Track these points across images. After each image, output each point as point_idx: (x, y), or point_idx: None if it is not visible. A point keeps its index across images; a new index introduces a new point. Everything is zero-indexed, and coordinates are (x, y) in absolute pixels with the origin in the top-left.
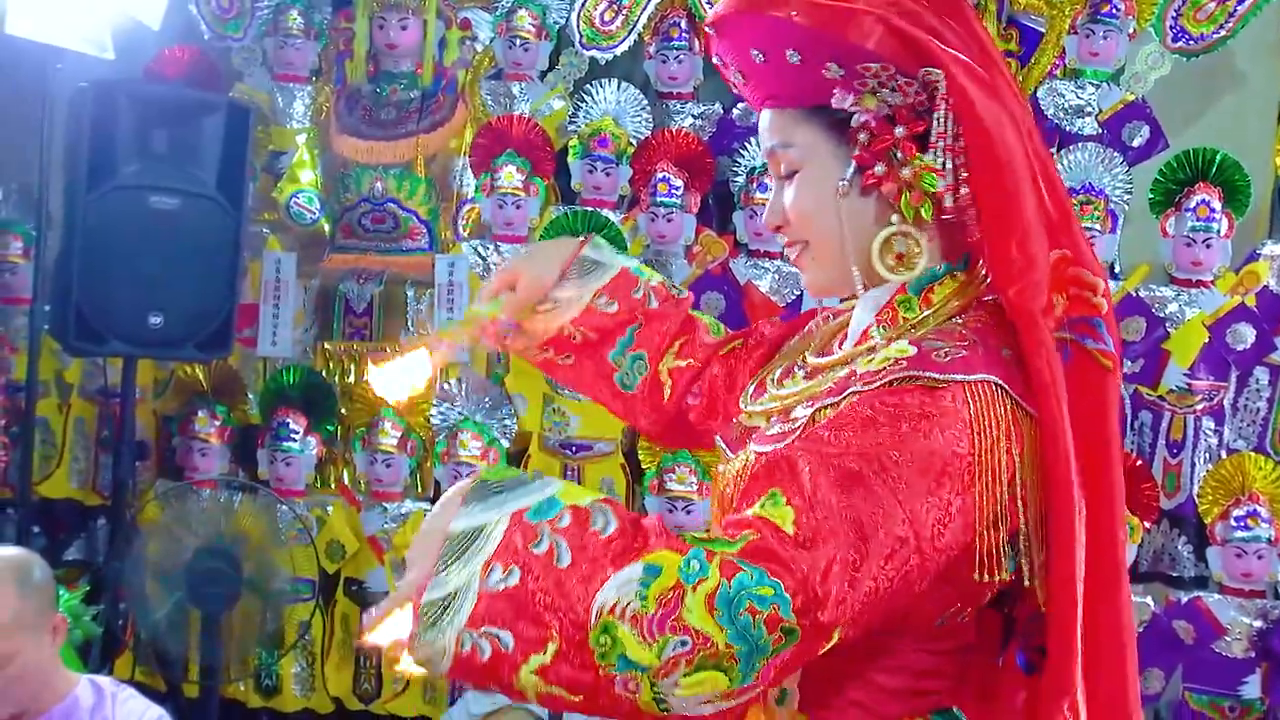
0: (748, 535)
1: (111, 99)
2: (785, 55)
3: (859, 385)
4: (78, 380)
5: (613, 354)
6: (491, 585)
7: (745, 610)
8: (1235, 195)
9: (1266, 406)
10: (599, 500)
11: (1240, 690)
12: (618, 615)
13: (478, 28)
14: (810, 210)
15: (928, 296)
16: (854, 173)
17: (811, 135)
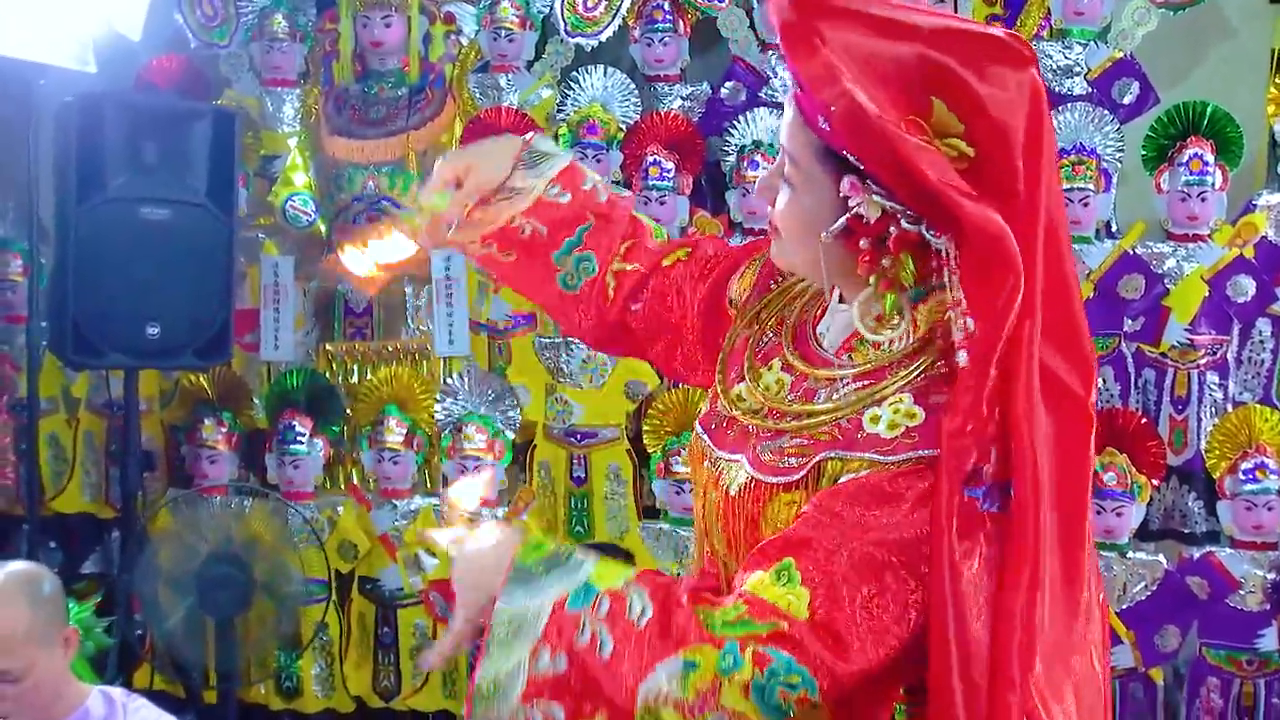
0: (775, 623)
1: (97, 112)
2: (818, 116)
3: (873, 454)
4: (84, 394)
5: (557, 254)
6: (540, 670)
7: (778, 696)
8: (1228, 148)
9: (1270, 358)
10: (632, 580)
11: (1257, 643)
12: (660, 701)
13: (462, 21)
14: (793, 232)
15: (913, 314)
16: (841, 229)
17: (816, 170)
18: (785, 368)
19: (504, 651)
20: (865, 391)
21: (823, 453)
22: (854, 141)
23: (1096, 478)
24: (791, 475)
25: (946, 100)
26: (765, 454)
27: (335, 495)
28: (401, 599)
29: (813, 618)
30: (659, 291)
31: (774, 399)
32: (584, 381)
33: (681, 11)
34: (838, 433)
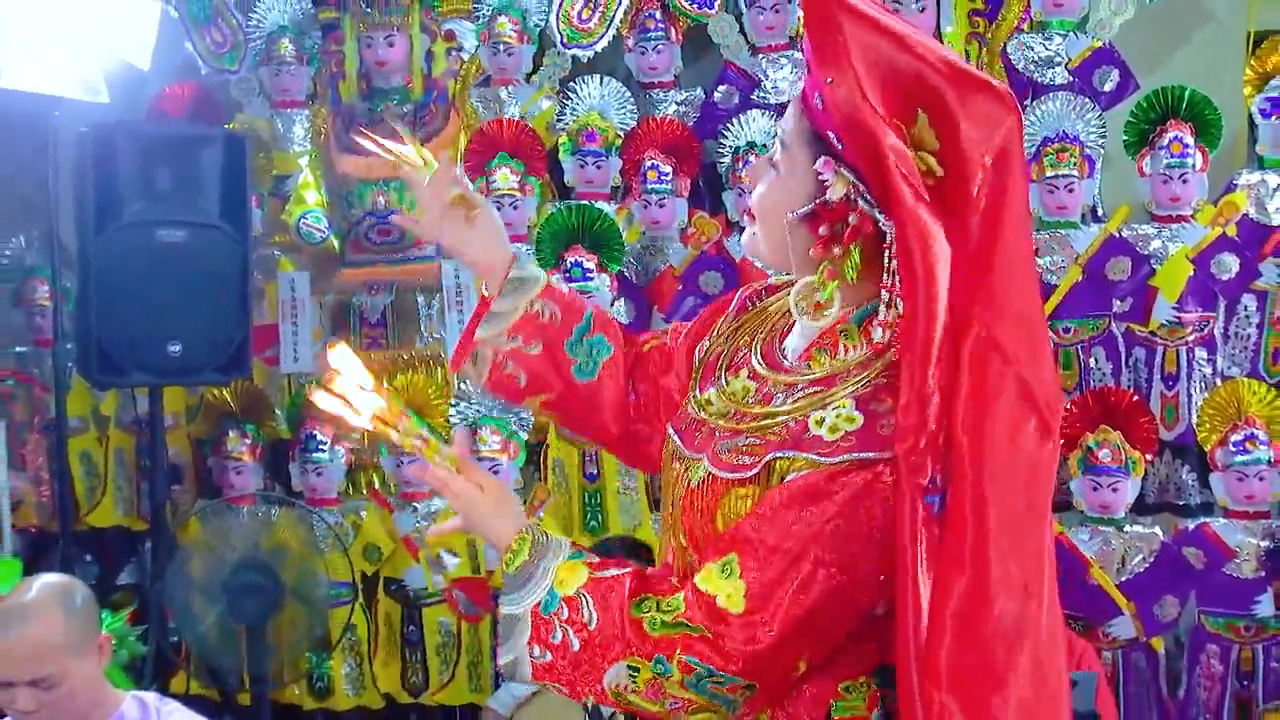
0: (702, 630)
1: (111, 141)
2: (814, 94)
3: (813, 454)
4: (113, 412)
5: (568, 343)
6: (536, 659)
7: (710, 688)
8: (1207, 130)
9: (1256, 332)
10: (583, 586)
11: (1254, 609)
12: (624, 690)
13: (462, 38)
14: (766, 212)
15: (866, 330)
16: (807, 213)
17: (802, 156)
18: (751, 375)
19: (511, 643)
20: (816, 396)
21: (772, 452)
22: (839, 120)
23: (1091, 456)
24: (745, 473)
25: (930, 117)
26: (724, 453)
27: (358, 500)
28: (426, 598)
29: (746, 610)
30: (646, 372)
31: (738, 403)
32: None
33: (673, 19)
34: (786, 434)
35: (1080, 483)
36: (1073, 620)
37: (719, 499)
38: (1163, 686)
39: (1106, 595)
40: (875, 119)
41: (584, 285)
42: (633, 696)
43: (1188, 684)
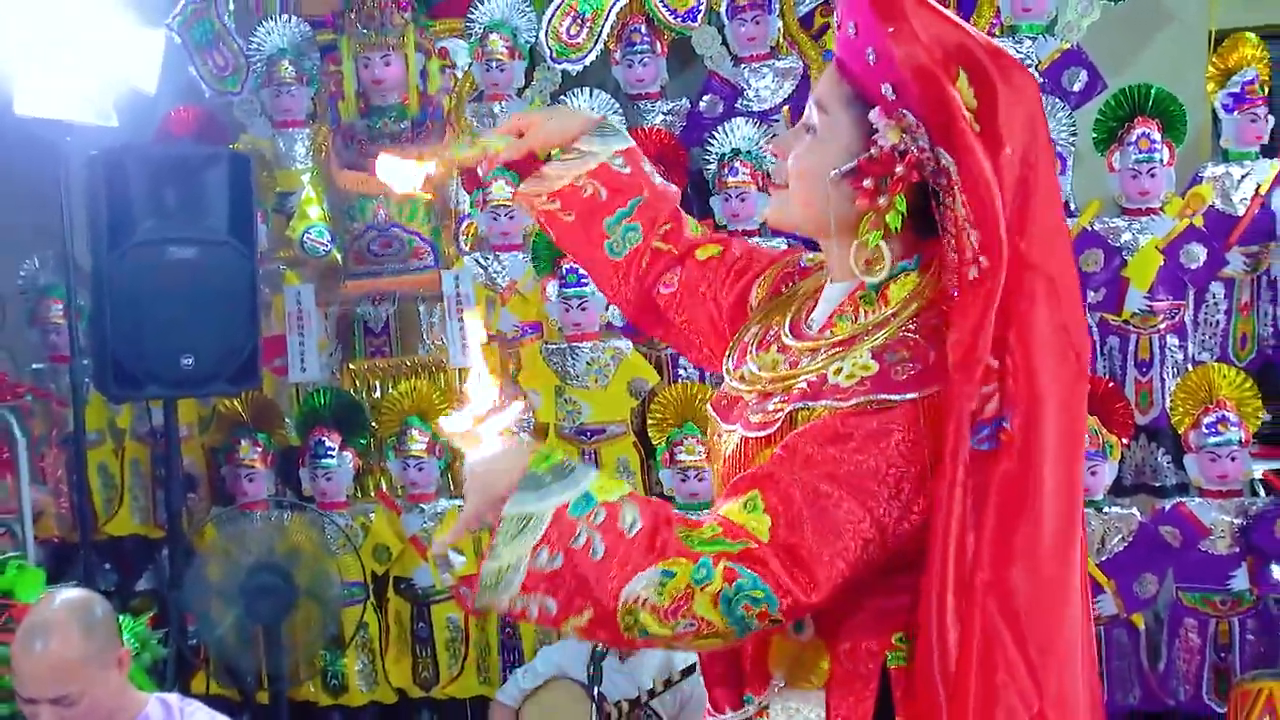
0: (745, 543)
1: (121, 163)
2: (866, 49)
3: (831, 400)
4: (129, 425)
5: (609, 220)
6: (539, 565)
7: (742, 609)
8: (1173, 125)
9: (1224, 318)
10: (626, 496)
11: (1229, 583)
12: (639, 604)
13: (455, 56)
14: (807, 173)
15: (885, 294)
16: (850, 170)
17: (843, 116)
18: (780, 349)
19: (509, 547)
20: (836, 354)
21: (794, 404)
22: (898, 69)
23: None
24: (770, 428)
25: (970, 76)
26: (754, 416)
27: (367, 503)
28: (434, 595)
29: (773, 541)
30: (690, 284)
31: (768, 372)
32: (590, 382)
33: (658, 33)
34: (808, 387)
35: None
36: None
37: (751, 459)
38: (1144, 660)
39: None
40: (936, 64)
41: (580, 290)
42: (645, 615)
43: (1168, 657)
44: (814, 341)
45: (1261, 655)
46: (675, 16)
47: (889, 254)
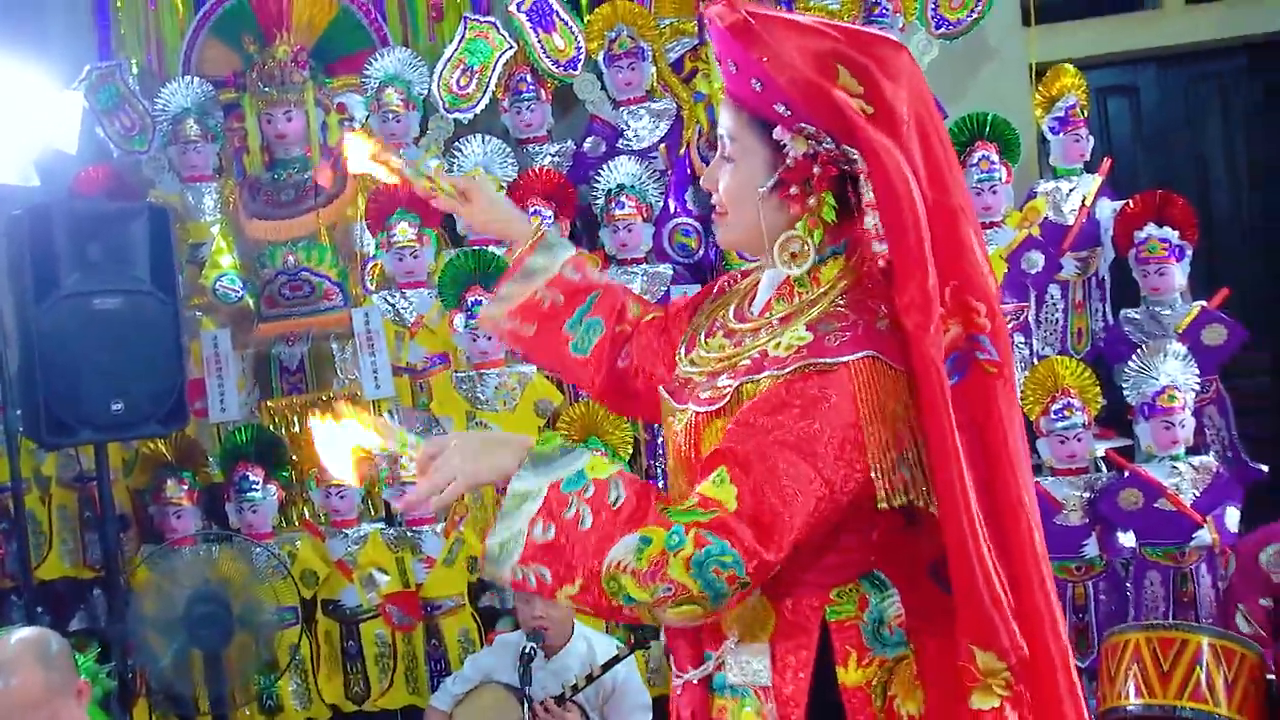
0: (715, 511)
1: (45, 220)
2: (751, 82)
3: (773, 370)
4: (54, 472)
5: (569, 322)
6: (536, 537)
7: (712, 572)
8: (1008, 147)
9: (1063, 316)
10: (615, 474)
11: (1082, 551)
12: (621, 569)
13: (353, 109)
14: (735, 196)
15: (816, 276)
16: (774, 185)
17: (751, 141)
18: (726, 334)
19: (510, 521)
20: (776, 330)
21: (740, 379)
22: (785, 89)
23: None
24: (719, 403)
25: (848, 68)
26: (704, 393)
27: (292, 532)
28: (361, 614)
29: (740, 509)
30: (644, 346)
31: (717, 353)
32: (499, 406)
33: (542, 81)
34: (751, 363)
35: None
36: None
37: (701, 434)
38: None
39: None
40: (815, 74)
41: None
42: (626, 579)
43: None
44: (755, 323)
45: (1113, 612)
46: (557, 66)
47: (812, 248)
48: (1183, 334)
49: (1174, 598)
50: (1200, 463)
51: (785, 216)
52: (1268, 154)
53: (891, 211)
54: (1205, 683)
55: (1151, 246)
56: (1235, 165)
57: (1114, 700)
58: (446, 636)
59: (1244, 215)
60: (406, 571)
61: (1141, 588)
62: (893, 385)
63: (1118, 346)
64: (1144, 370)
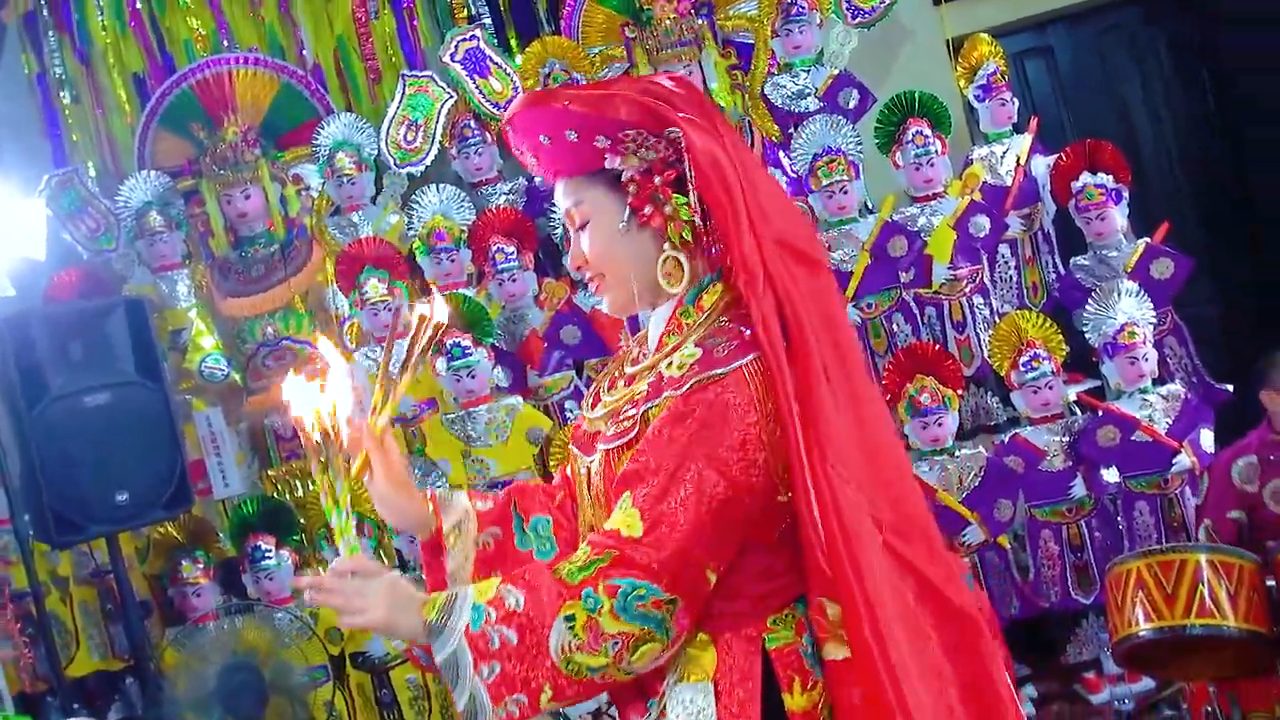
0: (611, 553)
1: (24, 328)
2: (566, 136)
3: (671, 390)
4: (70, 571)
5: (518, 540)
6: (488, 679)
7: (638, 608)
8: (939, 121)
9: (1016, 273)
10: (501, 583)
11: (1070, 493)
12: (570, 651)
13: (308, 178)
14: (602, 249)
15: (699, 303)
16: (629, 215)
17: (595, 193)
18: (627, 381)
19: (460, 685)
20: (669, 356)
21: (643, 406)
22: (592, 110)
23: (914, 401)
24: (628, 435)
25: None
26: (609, 430)
27: None
28: (390, 662)
29: (644, 530)
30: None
31: (616, 396)
32: (491, 440)
33: (485, 125)
34: (649, 389)
35: (911, 426)
36: None
37: (613, 470)
38: (1015, 575)
39: (953, 511)
40: (610, 86)
41: (467, 360)
42: (580, 656)
43: (1034, 567)
44: (650, 360)
45: (1109, 547)
46: (497, 108)
47: (686, 264)
48: (1132, 272)
49: (1164, 524)
50: (1168, 391)
51: (653, 244)
52: (1184, 97)
53: (705, 177)
54: (1210, 598)
55: (1089, 194)
56: (1155, 107)
57: (1125, 629)
58: None
59: (1170, 153)
60: None
61: (1132, 519)
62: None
63: (1072, 293)
64: (1101, 312)
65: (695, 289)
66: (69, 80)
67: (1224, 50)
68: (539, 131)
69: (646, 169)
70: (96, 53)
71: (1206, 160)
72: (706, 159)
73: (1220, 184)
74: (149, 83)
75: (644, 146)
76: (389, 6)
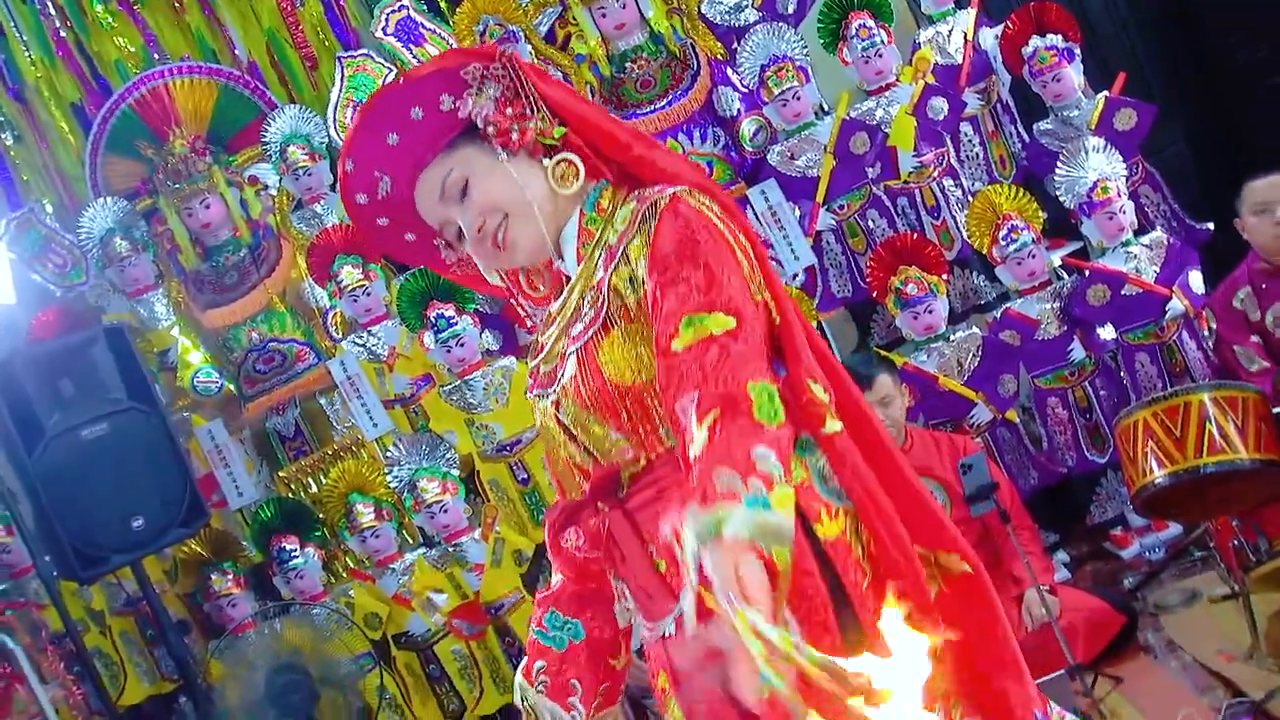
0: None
1: (10, 374)
2: (411, 115)
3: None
4: (104, 604)
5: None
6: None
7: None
8: (880, 10)
9: (981, 149)
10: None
11: (1070, 356)
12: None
13: (264, 177)
14: (494, 189)
15: (599, 206)
16: (502, 149)
17: (461, 153)
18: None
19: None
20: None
21: (604, 283)
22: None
23: (901, 293)
24: (598, 320)
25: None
26: (574, 332)
27: (343, 584)
28: (432, 637)
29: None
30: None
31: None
32: (492, 404)
33: None
34: (602, 262)
35: (903, 318)
36: (943, 424)
37: (595, 358)
38: (1029, 446)
39: (958, 395)
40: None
41: (454, 329)
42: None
43: (1046, 435)
44: (581, 269)
45: (1116, 403)
46: None
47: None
48: (1096, 128)
49: (1167, 371)
50: (1151, 240)
51: (535, 164)
52: None
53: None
54: (1219, 435)
55: (1041, 57)
56: None
57: (1141, 480)
58: (517, 630)
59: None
60: (461, 585)
61: (1134, 371)
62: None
63: (1040, 159)
64: (1072, 173)
65: (590, 197)
66: (9, 121)
67: None
68: (386, 130)
69: (494, 105)
70: (30, 89)
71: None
72: (537, 70)
73: (1172, 23)
74: (88, 110)
75: (485, 80)
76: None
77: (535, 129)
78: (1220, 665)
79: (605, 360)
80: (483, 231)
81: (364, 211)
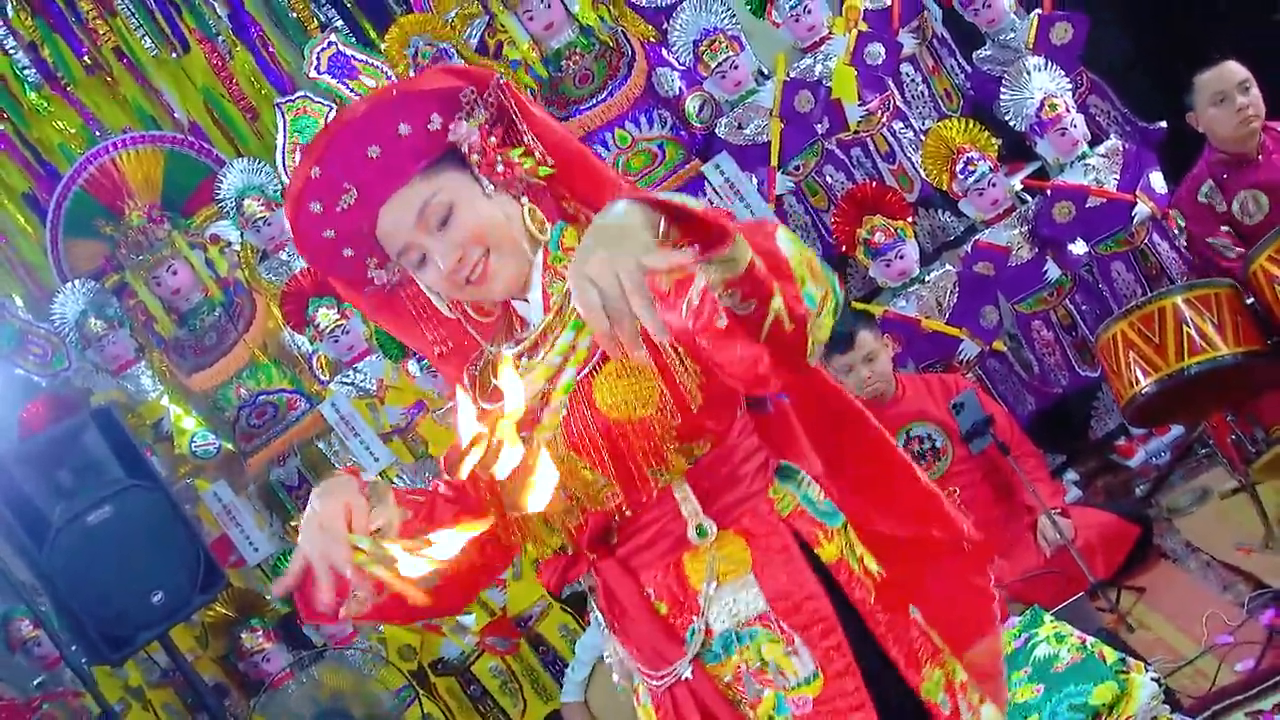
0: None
1: (6, 472)
2: (398, 130)
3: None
4: (141, 680)
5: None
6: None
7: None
8: None
9: (926, 87)
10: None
11: (1045, 277)
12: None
13: (225, 234)
14: (482, 220)
15: (564, 245)
16: (488, 180)
17: (446, 177)
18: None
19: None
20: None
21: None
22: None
23: (869, 243)
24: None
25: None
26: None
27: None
28: (467, 659)
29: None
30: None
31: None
32: None
33: None
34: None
35: (876, 267)
36: (932, 365)
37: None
38: (1021, 373)
39: (943, 334)
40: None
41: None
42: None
43: (1035, 359)
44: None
45: (1099, 316)
46: None
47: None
48: (1034, 46)
49: (1143, 275)
50: (1107, 148)
51: (514, 200)
52: None
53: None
54: (1198, 335)
55: None
56: None
57: (1129, 391)
58: (549, 638)
59: None
60: (487, 602)
61: (1112, 281)
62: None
63: (985, 87)
64: (1017, 96)
65: (553, 236)
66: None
67: None
68: (368, 142)
69: (485, 121)
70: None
71: None
72: (527, 99)
73: None
74: (40, 197)
75: (476, 105)
76: (240, 44)
77: (523, 167)
78: (1239, 559)
79: (602, 397)
80: (463, 263)
81: (314, 220)
